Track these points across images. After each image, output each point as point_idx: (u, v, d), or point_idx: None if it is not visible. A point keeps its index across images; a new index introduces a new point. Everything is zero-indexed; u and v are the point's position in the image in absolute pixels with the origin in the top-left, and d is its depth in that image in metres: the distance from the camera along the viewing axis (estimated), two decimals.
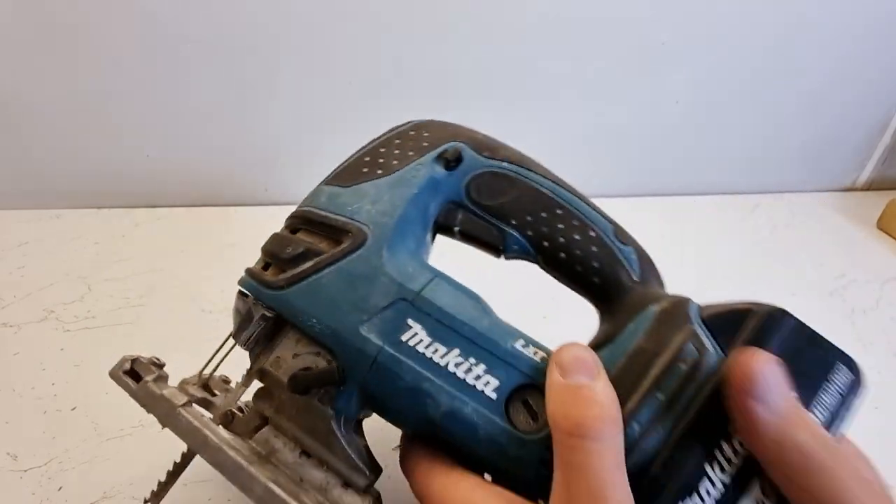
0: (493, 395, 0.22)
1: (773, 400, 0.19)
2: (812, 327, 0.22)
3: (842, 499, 0.18)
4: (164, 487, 0.27)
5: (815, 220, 0.69)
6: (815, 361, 0.21)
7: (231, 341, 0.27)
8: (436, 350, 0.23)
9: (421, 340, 0.23)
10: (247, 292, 0.25)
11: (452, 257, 0.30)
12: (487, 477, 0.23)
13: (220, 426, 0.25)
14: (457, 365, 0.23)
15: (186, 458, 0.27)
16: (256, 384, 0.26)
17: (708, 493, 0.20)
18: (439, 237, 0.29)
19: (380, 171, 0.26)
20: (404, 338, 0.23)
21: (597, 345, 0.24)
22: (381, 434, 0.38)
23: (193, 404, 0.25)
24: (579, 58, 0.60)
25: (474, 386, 0.22)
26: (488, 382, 0.22)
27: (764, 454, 0.19)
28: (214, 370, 0.29)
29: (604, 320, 0.27)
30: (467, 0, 0.54)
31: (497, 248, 0.27)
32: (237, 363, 0.28)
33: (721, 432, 0.20)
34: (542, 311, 0.45)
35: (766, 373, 0.19)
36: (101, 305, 0.47)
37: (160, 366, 0.26)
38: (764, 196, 0.72)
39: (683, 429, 0.20)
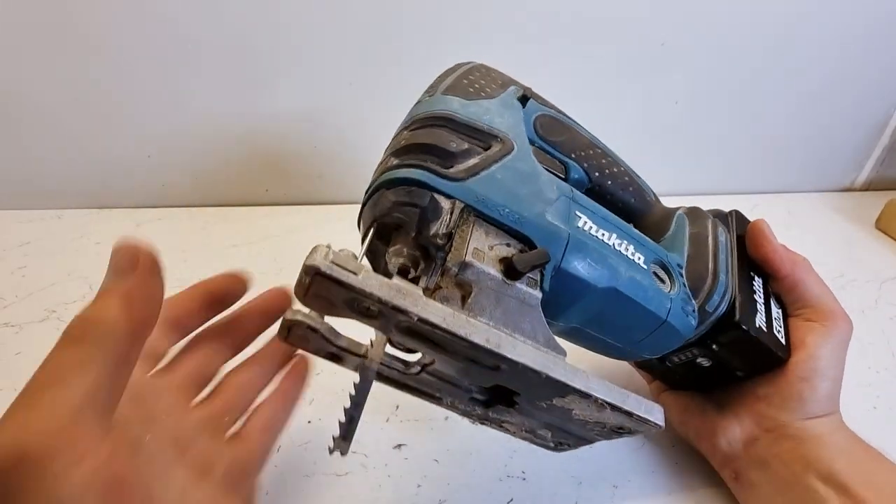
0: (644, 266, 0.28)
1: (776, 240, 0.35)
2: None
3: (806, 284, 0.34)
4: (351, 425, 0.23)
5: (814, 220, 0.69)
6: None
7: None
8: (602, 234, 0.27)
9: (591, 227, 0.27)
10: (422, 182, 0.24)
11: None
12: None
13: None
14: (618, 245, 0.27)
15: (365, 386, 0.23)
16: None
17: (756, 304, 0.33)
18: None
19: (483, 94, 0.29)
20: (579, 224, 0.26)
21: None
22: (381, 433, 0.38)
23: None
24: (579, 58, 0.60)
25: (632, 259, 0.28)
26: (639, 257, 0.28)
27: (778, 270, 0.34)
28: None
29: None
30: (464, 6, 0.54)
31: (560, 177, 0.31)
32: None
33: (749, 274, 0.34)
34: None
35: (769, 228, 0.35)
36: None
37: (355, 256, 0.21)
38: (763, 196, 0.72)
39: (738, 274, 0.33)
